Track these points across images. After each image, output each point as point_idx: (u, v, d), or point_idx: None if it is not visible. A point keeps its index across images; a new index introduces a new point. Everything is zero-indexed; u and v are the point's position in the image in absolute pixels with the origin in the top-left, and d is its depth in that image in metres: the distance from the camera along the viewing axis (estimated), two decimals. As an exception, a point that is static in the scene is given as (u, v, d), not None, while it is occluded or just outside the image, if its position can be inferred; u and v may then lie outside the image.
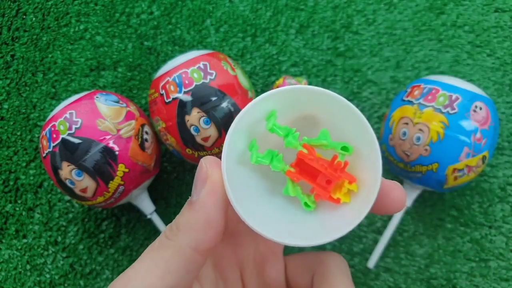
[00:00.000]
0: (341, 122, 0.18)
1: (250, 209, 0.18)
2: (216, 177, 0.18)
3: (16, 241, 0.37)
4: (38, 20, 0.42)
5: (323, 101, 0.18)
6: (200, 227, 0.17)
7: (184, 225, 0.18)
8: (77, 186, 0.31)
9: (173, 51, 0.40)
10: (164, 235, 0.18)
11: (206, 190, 0.17)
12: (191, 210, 0.18)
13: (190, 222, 0.17)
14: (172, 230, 0.18)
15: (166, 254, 0.17)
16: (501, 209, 0.36)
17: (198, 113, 0.30)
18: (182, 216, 0.18)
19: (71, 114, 0.31)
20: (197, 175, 0.18)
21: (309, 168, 0.18)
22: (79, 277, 0.36)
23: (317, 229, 0.18)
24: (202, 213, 0.17)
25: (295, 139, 0.18)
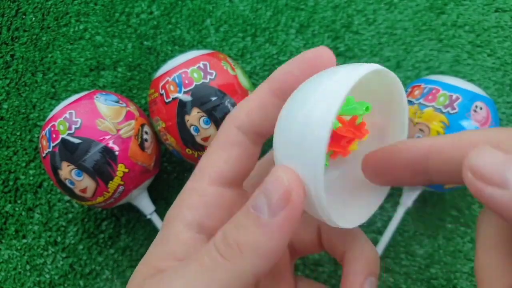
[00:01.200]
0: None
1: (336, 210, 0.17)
2: (300, 199, 0.15)
3: (15, 241, 0.37)
4: (38, 20, 0.42)
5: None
6: (267, 255, 0.15)
7: (249, 248, 0.15)
8: (77, 186, 0.30)
9: (173, 51, 0.40)
10: (218, 253, 0.15)
11: (287, 214, 0.14)
12: (261, 233, 0.15)
13: (258, 246, 0.15)
14: (232, 248, 0.15)
15: (223, 278, 0.15)
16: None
17: (198, 113, 0.30)
18: (246, 235, 0.15)
19: (70, 114, 0.30)
20: (273, 189, 0.15)
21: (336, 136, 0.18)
22: (78, 277, 0.36)
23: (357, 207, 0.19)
24: (276, 241, 0.15)
25: None
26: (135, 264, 0.36)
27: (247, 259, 0.15)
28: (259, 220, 0.15)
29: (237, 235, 0.15)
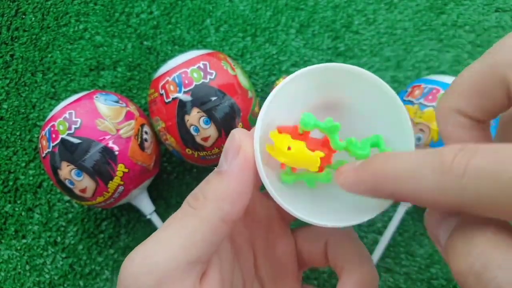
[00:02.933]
0: (372, 109, 0.19)
1: (281, 188, 0.18)
2: (249, 150, 0.17)
3: (15, 242, 0.37)
4: (38, 20, 0.42)
5: (356, 83, 0.18)
6: (229, 198, 0.17)
7: (212, 194, 0.17)
8: (77, 186, 0.30)
9: (172, 51, 0.40)
10: (188, 205, 0.17)
11: (239, 161, 0.17)
12: (220, 180, 0.17)
13: (219, 192, 0.17)
14: (198, 199, 0.17)
15: (191, 224, 0.17)
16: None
17: (198, 113, 0.30)
18: (209, 185, 0.17)
19: (70, 114, 0.30)
20: (228, 145, 0.17)
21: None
22: (78, 277, 0.36)
23: (347, 210, 0.18)
24: (233, 183, 0.17)
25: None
26: (135, 264, 0.36)
27: (211, 204, 0.17)
28: (219, 172, 0.17)
29: (203, 188, 0.17)
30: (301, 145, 0.18)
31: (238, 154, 0.17)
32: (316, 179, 0.19)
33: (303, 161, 0.17)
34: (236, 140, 0.17)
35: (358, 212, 0.18)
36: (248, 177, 0.17)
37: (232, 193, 0.17)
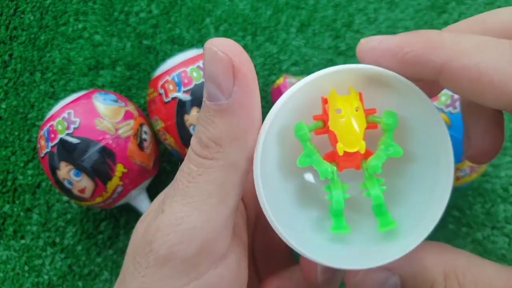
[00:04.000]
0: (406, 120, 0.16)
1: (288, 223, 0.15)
2: (247, 69, 0.14)
3: (14, 242, 0.37)
4: (36, 19, 0.42)
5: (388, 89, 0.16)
6: (246, 134, 0.14)
7: (226, 137, 0.14)
8: (75, 187, 0.30)
9: (172, 50, 0.40)
10: (199, 157, 0.14)
11: (241, 86, 0.14)
12: (227, 118, 0.14)
13: (233, 132, 0.14)
14: (210, 148, 0.14)
15: (217, 176, 0.14)
16: (503, 209, 0.35)
17: (198, 113, 0.30)
18: (215, 128, 0.14)
19: (69, 113, 0.30)
20: (214, 68, 0.14)
21: None
22: (77, 278, 0.36)
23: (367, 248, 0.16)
24: (244, 118, 0.14)
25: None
26: (134, 265, 0.36)
27: (230, 148, 0.14)
28: (220, 107, 0.14)
29: (208, 132, 0.15)
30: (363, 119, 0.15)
31: (236, 76, 0.14)
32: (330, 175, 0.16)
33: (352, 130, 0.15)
34: (224, 59, 0.14)
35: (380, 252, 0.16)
36: (257, 103, 0.14)
37: (247, 128, 0.14)
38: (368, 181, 0.16)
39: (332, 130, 0.16)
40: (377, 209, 0.16)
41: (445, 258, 0.15)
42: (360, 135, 0.15)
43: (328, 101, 0.16)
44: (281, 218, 0.15)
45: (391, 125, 0.15)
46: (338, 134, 0.15)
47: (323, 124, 0.16)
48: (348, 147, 0.15)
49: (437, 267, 0.15)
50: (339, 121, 0.15)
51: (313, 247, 0.16)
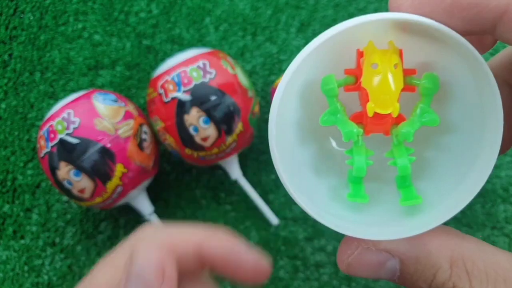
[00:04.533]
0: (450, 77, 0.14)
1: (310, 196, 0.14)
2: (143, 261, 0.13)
3: (13, 242, 0.37)
4: (36, 19, 0.42)
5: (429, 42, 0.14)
6: None
7: None
8: (75, 187, 0.30)
9: (172, 50, 0.40)
10: None
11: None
12: None
13: None
14: None
15: None
16: (503, 210, 0.35)
17: (198, 113, 0.30)
18: None
19: (69, 113, 0.30)
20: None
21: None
22: (77, 278, 0.36)
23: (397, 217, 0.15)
24: None
25: None
26: (134, 265, 0.36)
27: None
28: None
29: None
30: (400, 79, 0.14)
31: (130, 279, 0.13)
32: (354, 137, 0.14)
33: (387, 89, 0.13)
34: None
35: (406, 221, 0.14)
36: None
37: None
38: (396, 149, 0.14)
39: (364, 87, 0.14)
40: (401, 180, 0.14)
41: (452, 243, 0.14)
42: (395, 96, 0.14)
43: (364, 54, 0.14)
44: (296, 183, 0.14)
45: (431, 89, 0.14)
46: (370, 92, 0.14)
47: (355, 79, 0.14)
48: (380, 107, 0.14)
49: (443, 252, 0.14)
50: (373, 77, 0.14)
51: (329, 215, 0.14)
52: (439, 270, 0.14)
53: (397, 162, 0.14)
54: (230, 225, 0.36)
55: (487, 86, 0.13)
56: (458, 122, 0.15)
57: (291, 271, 0.35)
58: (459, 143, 0.15)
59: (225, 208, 0.37)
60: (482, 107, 0.14)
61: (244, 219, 0.36)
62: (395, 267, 0.14)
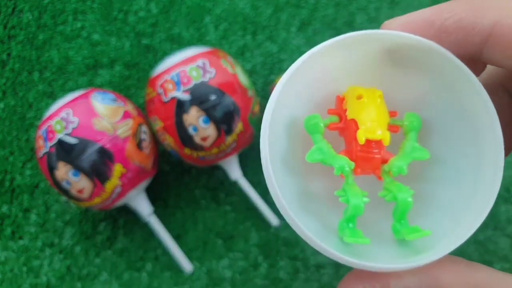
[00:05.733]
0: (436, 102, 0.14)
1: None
2: None
3: (12, 243, 0.37)
4: (35, 18, 0.42)
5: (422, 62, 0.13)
6: None
7: None
8: (74, 187, 0.30)
9: (171, 49, 0.40)
10: None
11: None
12: None
13: None
14: None
15: None
16: (505, 210, 0.35)
17: (197, 112, 0.30)
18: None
19: (67, 113, 0.30)
20: None
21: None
22: (76, 279, 0.36)
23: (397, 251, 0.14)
24: None
25: None
26: (133, 266, 0.35)
27: None
28: None
29: None
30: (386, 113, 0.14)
31: None
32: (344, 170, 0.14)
33: (375, 115, 0.13)
34: None
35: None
36: None
37: None
38: (391, 186, 0.14)
39: (352, 118, 0.14)
40: (400, 215, 0.14)
41: (464, 275, 0.14)
42: (384, 124, 0.13)
43: (346, 94, 0.14)
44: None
45: (416, 127, 0.14)
46: (359, 120, 0.13)
47: (338, 118, 0.14)
48: (370, 133, 0.13)
49: (456, 286, 0.13)
50: (360, 107, 0.14)
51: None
52: None
53: (396, 196, 0.14)
54: (230, 225, 0.36)
55: (482, 106, 0.13)
56: (449, 154, 0.15)
57: (292, 272, 0.35)
58: (453, 176, 0.15)
59: (225, 208, 0.37)
60: (475, 130, 0.13)
61: (244, 220, 0.36)
62: None
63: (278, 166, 0.14)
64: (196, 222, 0.37)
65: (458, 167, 0.14)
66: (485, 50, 0.12)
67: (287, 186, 0.15)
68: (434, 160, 0.14)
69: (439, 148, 0.15)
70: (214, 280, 0.35)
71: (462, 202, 0.14)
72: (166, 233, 0.34)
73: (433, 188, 0.15)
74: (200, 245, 0.36)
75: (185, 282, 0.35)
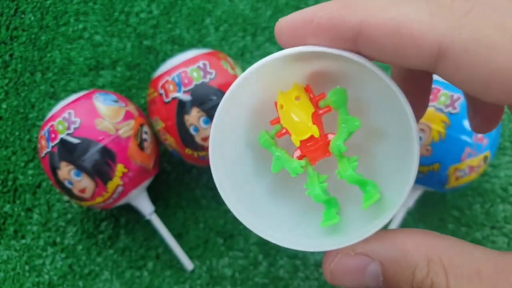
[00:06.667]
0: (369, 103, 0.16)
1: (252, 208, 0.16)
2: None
3: (14, 242, 0.37)
4: (37, 19, 0.42)
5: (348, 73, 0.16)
6: None
7: None
8: (76, 187, 0.30)
9: (172, 50, 0.40)
10: None
11: None
12: None
13: None
14: None
15: None
16: (502, 209, 0.35)
17: (198, 113, 0.30)
18: None
19: (69, 113, 0.30)
20: None
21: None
22: (78, 278, 0.36)
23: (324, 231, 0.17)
24: None
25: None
26: (134, 265, 0.36)
27: None
28: None
29: None
30: (308, 106, 0.16)
31: None
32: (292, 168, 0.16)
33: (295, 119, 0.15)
34: None
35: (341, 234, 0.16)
36: None
37: None
38: (339, 164, 0.16)
39: (284, 127, 0.16)
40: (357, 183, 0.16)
41: (428, 242, 0.14)
42: (307, 121, 0.16)
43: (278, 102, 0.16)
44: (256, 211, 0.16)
45: (340, 100, 0.15)
46: (288, 127, 0.16)
47: (281, 126, 0.17)
48: (299, 135, 0.16)
49: (419, 251, 0.14)
50: (284, 115, 0.16)
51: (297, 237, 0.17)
52: (416, 268, 0.14)
53: (342, 175, 0.16)
54: (231, 224, 0.37)
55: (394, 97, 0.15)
56: (385, 130, 0.17)
57: (291, 271, 0.35)
58: (389, 150, 0.17)
59: (225, 208, 0.37)
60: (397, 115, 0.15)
61: (244, 219, 0.37)
62: (377, 272, 0.14)
63: (253, 176, 0.17)
64: (197, 221, 0.37)
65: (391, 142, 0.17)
66: (360, 49, 0.13)
67: (265, 190, 0.17)
68: (377, 134, 0.17)
69: (380, 123, 0.17)
70: (215, 278, 0.35)
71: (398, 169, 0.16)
72: (167, 232, 0.35)
73: (377, 161, 0.17)
74: (201, 244, 0.36)
75: (186, 281, 0.35)
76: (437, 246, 0.14)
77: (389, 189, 0.16)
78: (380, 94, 0.16)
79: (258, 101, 0.17)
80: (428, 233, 0.15)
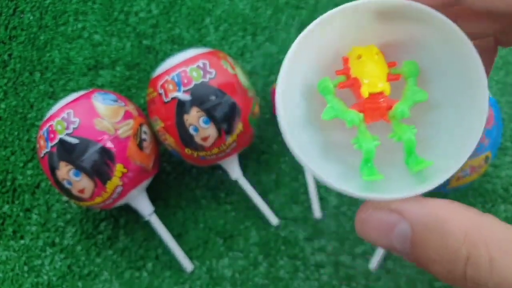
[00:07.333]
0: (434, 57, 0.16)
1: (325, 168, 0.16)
2: None
3: (13, 242, 0.37)
4: (36, 19, 0.42)
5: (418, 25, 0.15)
6: None
7: None
8: (75, 187, 0.30)
9: (172, 50, 0.40)
10: None
11: None
12: None
13: None
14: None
15: None
16: (504, 209, 0.35)
17: (198, 113, 0.30)
18: None
19: (68, 113, 0.30)
20: None
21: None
22: (77, 278, 0.36)
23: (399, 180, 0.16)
24: None
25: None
26: (133, 265, 0.36)
27: None
28: None
29: None
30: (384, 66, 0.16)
31: None
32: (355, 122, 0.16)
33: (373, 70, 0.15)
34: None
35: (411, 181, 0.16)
36: None
37: None
38: (397, 128, 0.16)
39: (355, 77, 0.16)
40: (409, 152, 0.16)
41: (466, 213, 0.13)
42: (383, 76, 0.16)
43: (349, 55, 0.16)
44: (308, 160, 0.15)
45: (412, 72, 0.16)
46: (360, 77, 0.16)
47: (345, 77, 0.16)
48: (372, 87, 0.15)
49: (455, 220, 0.13)
50: (360, 65, 0.16)
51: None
52: (450, 237, 0.13)
53: (402, 137, 0.16)
54: (230, 224, 0.36)
55: (469, 63, 0.15)
56: (446, 100, 0.17)
57: (291, 271, 0.35)
58: (449, 120, 0.16)
59: (225, 208, 0.37)
60: (467, 78, 0.15)
61: (244, 219, 0.36)
62: (405, 232, 0.14)
63: (299, 128, 0.17)
64: (197, 222, 0.37)
65: (452, 112, 0.16)
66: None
67: (308, 143, 0.17)
68: (432, 106, 0.17)
69: (437, 94, 0.17)
70: (215, 279, 0.35)
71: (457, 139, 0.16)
72: (167, 232, 0.35)
73: (434, 132, 0.17)
74: (201, 244, 0.36)
75: (186, 281, 0.35)
76: (476, 219, 0.13)
77: (440, 158, 0.16)
78: (446, 64, 0.16)
79: (319, 55, 0.17)
80: (468, 207, 0.14)
